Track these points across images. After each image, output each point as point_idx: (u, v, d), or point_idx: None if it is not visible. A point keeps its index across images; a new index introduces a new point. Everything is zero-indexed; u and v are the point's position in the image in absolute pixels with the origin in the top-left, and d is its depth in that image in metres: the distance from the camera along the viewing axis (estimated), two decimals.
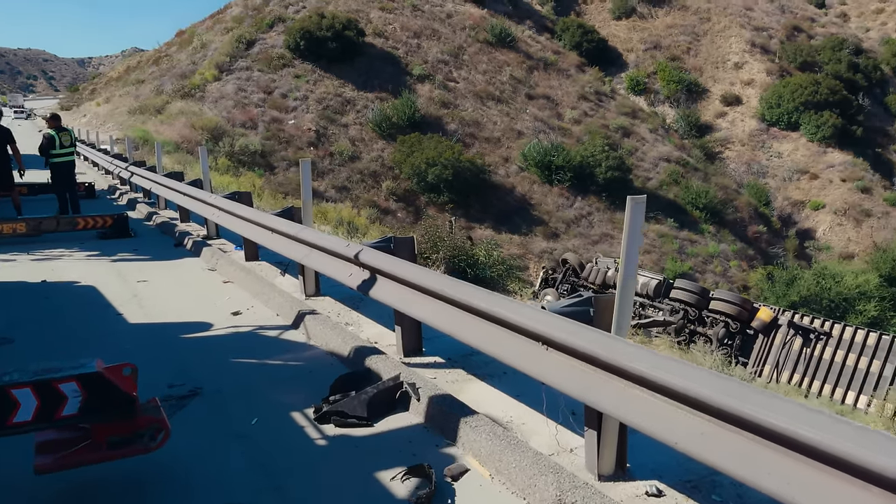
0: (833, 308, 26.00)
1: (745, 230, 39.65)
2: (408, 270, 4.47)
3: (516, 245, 33.25)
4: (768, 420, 2.18)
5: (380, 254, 4.89)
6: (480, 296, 3.70)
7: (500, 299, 3.59)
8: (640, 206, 3.14)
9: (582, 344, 2.98)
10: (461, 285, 3.94)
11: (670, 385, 2.53)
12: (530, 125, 39.29)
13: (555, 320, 3.18)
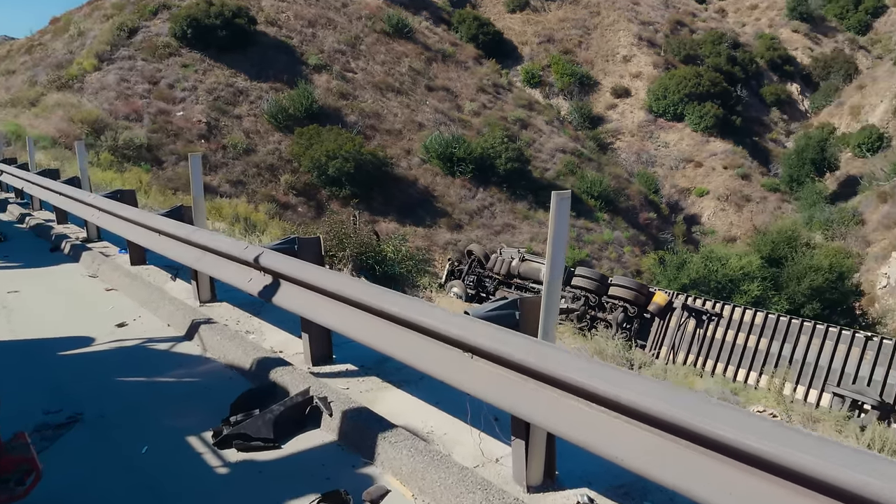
0: (720, 289, 27.41)
1: (637, 217, 41.27)
2: (314, 274, 4.12)
3: (421, 237, 33.10)
4: (738, 440, 2.03)
5: (283, 257, 4.49)
6: (396, 300, 3.42)
7: (418, 304, 3.32)
8: (565, 201, 2.96)
9: (509, 351, 2.77)
10: (375, 290, 3.64)
11: (612, 396, 2.35)
12: (431, 117, 39.16)
13: (479, 326, 2.95)
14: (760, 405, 11.83)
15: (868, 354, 13.17)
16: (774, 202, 46.23)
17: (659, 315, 16.83)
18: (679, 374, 11.96)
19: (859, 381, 13.08)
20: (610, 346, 12.87)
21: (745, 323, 15.36)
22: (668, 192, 46.60)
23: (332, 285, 3.91)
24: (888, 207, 39.63)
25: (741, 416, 2.07)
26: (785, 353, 14.41)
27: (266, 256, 4.62)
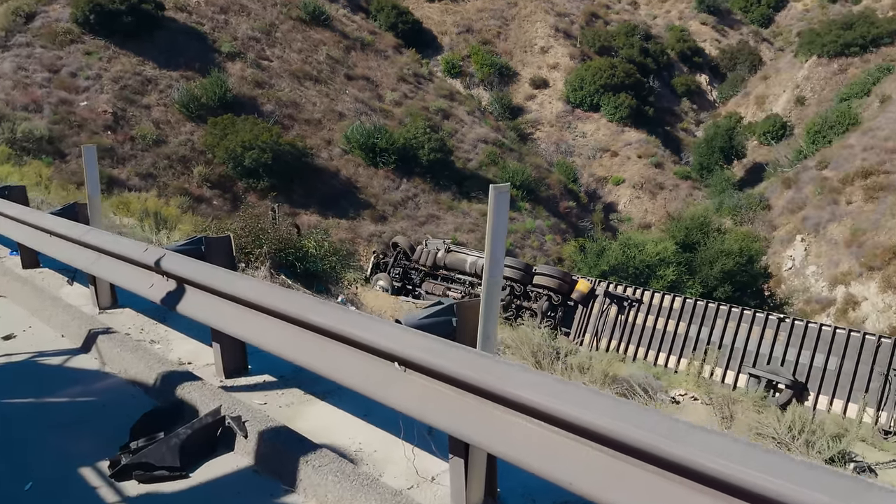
0: (638, 274, 28.11)
1: (557, 206, 41.89)
2: (224, 279, 3.69)
3: (344, 229, 32.47)
4: (699, 462, 1.80)
5: (188, 259, 4.03)
6: (319, 309, 3.06)
7: (344, 313, 2.98)
8: (504, 195, 2.69)
9: (445, 364, 2.48)
10: (294, 297, 3.26)
11: (562, 414, 2.09)
12: (351, 106, 38.41)
13: (412, 336, 2.64)
14: (682, 388, 12.07)
15: (781, 335, 13.66)
16: (686, 189, 47.90)
17: (582, 302, 17.00)
18: (603, 360, 12.04)
19: (773, 362, 13.56)
20: (536, 336, 12.83)
21: (665, 308, 15.69)
22: (587, 181, 47.55)
23: (244, 292, 3.50)
24: (792, 193, 41.70)
25: (709, 437, 1.86)
26: (703, 337, 14.80)
27: (169, 259, 4.14)
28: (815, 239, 38.72)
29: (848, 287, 35.07)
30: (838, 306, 34.90)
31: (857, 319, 33.85)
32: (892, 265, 33.43)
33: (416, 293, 19.80)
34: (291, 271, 8.53)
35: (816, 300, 36.05)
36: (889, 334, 16.88)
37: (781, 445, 7.50)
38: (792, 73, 54.48)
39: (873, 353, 12.32)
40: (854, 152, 39.91)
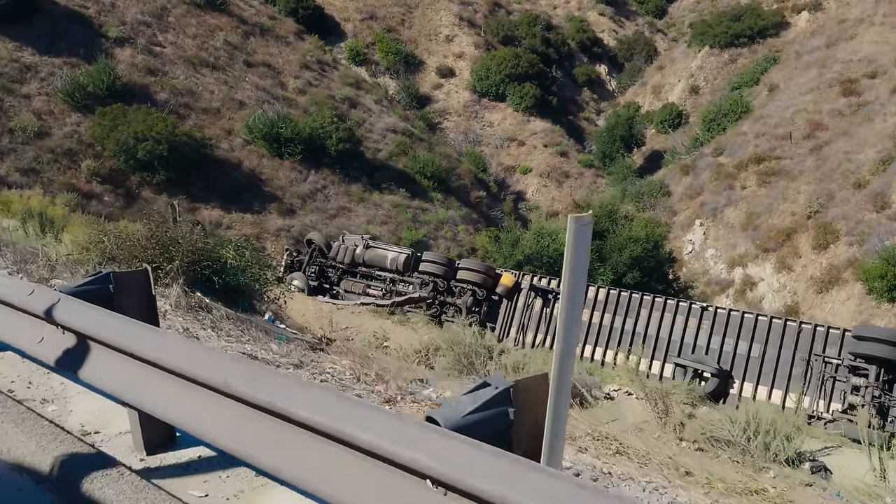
0: (552, 263, 28.37)
1: (469, 196, 41.84)
2: (142, 336, 2.79)
3: (249, 224, 31.03)
4: None
5: (89, 308, 3.06)
6: (305, 396, 2.21)
7: (342, 403, 2.18)
8: (587, 227, 2.12)
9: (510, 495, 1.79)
10: (257, 371, 2.41)
11: None
12: (252, 95, 36.67)
13: (457, 445, 1.92)
14: (615, 383, 11.99)
15: (705, 324, 13.88)
16: (590, 177, 49.06)
17: (507, 297, 16.78)
18: (538, 359, 11.77)
19: (698, 351, 13.76)
20: (467, 335, 12.41)
21: (590, 300, 15.67)
22: (496, 171, 47.79)
23: (174, 356, 2.60)
24: (690, 179, 43.45)
25: None
26: (628, 328, 14.88)
27: (64, 307, 3.12)
28: (713, 223, 40.51)
29: (745, 269, 36.88)
30: (736, 287, 36.67)
31: (755, 299, 35.69)
32: (785, 247, 35.41)
33: (334, 292, 19.00)
34: (209, 287, 7.61)
35: (716, 282, 37.74)
36: (816, 321, 17.61)
37: (739, 449, 7.44)
38: (686, 63, 56.73)
39: (795, 339, 12.67)
40: (747, 139, 41.99)
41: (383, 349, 13.25)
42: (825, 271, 33.24)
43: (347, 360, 6.47)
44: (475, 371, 11.73)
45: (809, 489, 6.58)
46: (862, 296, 30.98)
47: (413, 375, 7.01)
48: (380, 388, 4.95)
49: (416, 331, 14.14)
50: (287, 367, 5.12)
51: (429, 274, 17.37)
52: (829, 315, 32.08)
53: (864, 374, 11.48)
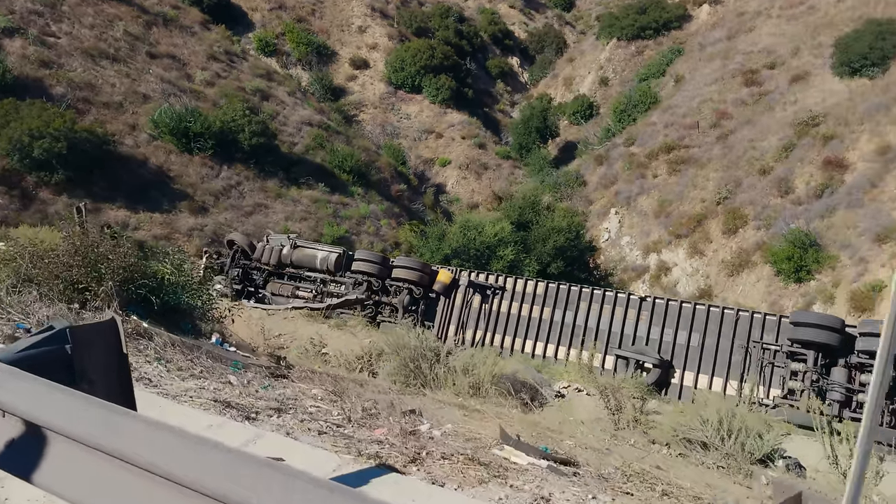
0: (479, 256, 28.31)
1: (389, 189, 41.21)
2: (127, 429, 1.95)
3: (159, 224, 29.25)
4: None
5: (41, 385, 2.08)
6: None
7: None
8: None
9: None
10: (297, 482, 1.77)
11: None
12: (157, 88, 34.59)
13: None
14: (564, 380, 11.84)
15: (644, 315, 13.97)
16: (508, 169, 49.39)
17: (444, 294, 16.41)
18: (488, 360, 11.44)
19: (639, 342, 13.83)
20: (412, 337, 11.94)
21: (529, 294, 15.55)
22: (415, 164, 47.33)
23: (180, 460, 1.83)
24: (604, 169, 44.43)
25: None
26: (568, 321, 14.82)
27: (3, 382, 2.15)
28: (628, 211, 41.60)
29: (659, 255, 38.06)
30: (652, 273, 37.80)
31: (669, 284, 36.92)
32: (696, 232, 36.75)
33: (260, 296, 18.06)
34: (145, 308, 6.72)
35: (632, 268, 38.78)
36: (749, 308, 18.13)
37: (723, 454, 7.35)
38: (595, 55, 57.99)
39: (733, 326, 12.91)
40: (657, 129, 43.30)
41: (322, 357, 12.60)
42: (735, 255, 34.71)
43: (318, 389, 5.87)
44: (422, 376, 11.29)
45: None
46: (770, 277, 32.56)
47: (391, 399, 6.45)
48: (381, 432, 4.43)
49: (356, 335, 13.55)
50: (267, 412, 4.49)
51: (362, 273, 16.76)
52: (741, 297, 33.60)
53: (802, 359, 11.80)
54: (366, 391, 7.08)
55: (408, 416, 5.34)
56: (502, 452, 4.44)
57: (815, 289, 30.14)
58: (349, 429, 4.51)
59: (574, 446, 6.82)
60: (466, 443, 4.70)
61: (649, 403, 10.96)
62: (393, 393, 7.81)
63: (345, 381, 7.80)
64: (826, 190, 32.58)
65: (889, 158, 31.07)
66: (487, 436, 4.89)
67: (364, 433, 4.35)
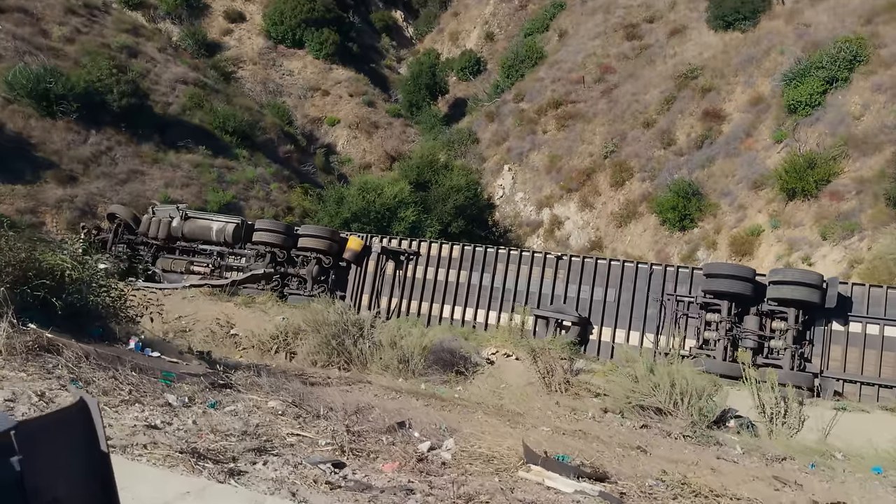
0: (380, 219, 27.61)
1: (276, 151, 39.39)
2: None
3: (22, 197, 26.38)
4: None
5: None
6: None
7: None
8: None
9: None
10: None
11: None
12: (8, 45, 30.83)
13: None
14: (492, 346, 11.61)
15: (560, 273, 13.95)
16: (399, 127, 48.47)
17: (355, 262, 15.71)
18: (414, 334, 10.99)
19: (556, 300, 13.82)
20: (332, 313, 11.27)
21: (444, 258, 15.16)
22: (302, 123, 45.42)
23: None
24: (496, 126, 44.49)
25: None
26: (486, 283, 14.59)
27: None
28: (520, 167, 42.01)
29: (552, 209, 38.82)
30: (546, 227, 38.55)
31: (563, 238, 37.82)
32: (586, 186, 37.68)
33: (151, 273, 16.60)
34: (44, 314, 5.55)
35: (527, 223, 39.39)
36: (658, 262, 18.54)
37: (689, 422, 7.29)
38: (480, 9, 57.53)
39: (647, 280, 13.11)
40: (544, 84, 43.67)
41: (231, 339, 11.67)
42: (623, 206, 35.93)
43: (275, 401, 5.08)
44: (346, 353, 10.69)
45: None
46: (656, 227, 33.99)
47: (356, 402, 5.72)
48: (391, 467, 3.77)
49: (266, 312, 12.66)
50: (247, 456, 3.67)
51: (265, 244, 15.71)
52: (629, 247, 34.95)
53: (716, 309, 12.15)
54: (316, 390, 6.41)
55: (399, 432, 4.75)
56: (531, 475, 3.98)
57: (699, 236, 31.79)
58: (353, 465, 3.85)
59: (551, 434, 6.56)
60: (486, 465, 4.17)
61: (577, 363, 10.95)
62: (342, 385, 7.21)
63: (288, 377, 7.05)
64: (706, 141, 34.15)
65: (761, 109, 32.90)
66: (504, 451, 4.39)
67: (374, 474, 3.68)
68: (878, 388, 11.31)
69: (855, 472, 6.98)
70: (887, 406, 10.51)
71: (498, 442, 4.39)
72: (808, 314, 11.72)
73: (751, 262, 28.15)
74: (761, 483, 5.54)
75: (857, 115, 28.12)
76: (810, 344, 11.76)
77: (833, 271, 23.05)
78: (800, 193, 26.85)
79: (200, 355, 7.94)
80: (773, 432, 8.59)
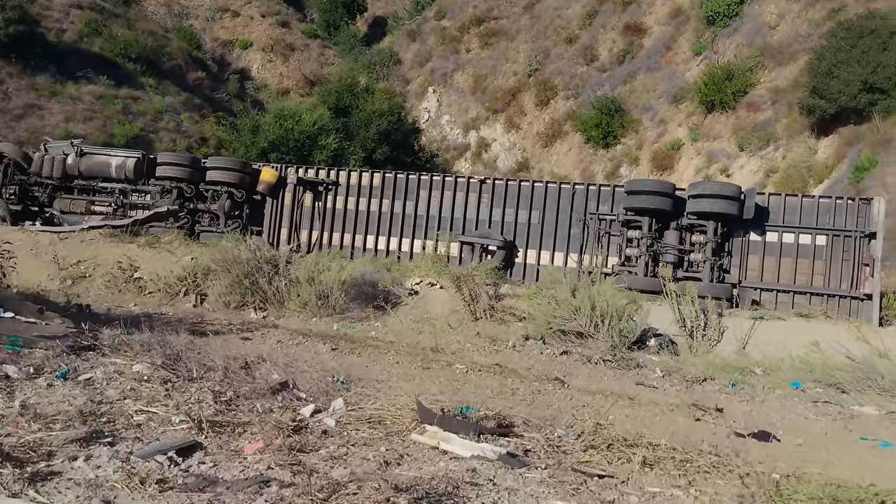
0: (300, 148, 26.53)
1: (186, 78, 37.07)
2: None
3: None
4: None
5: None
6: None
7: None
8: None
9: None
10: None
11: None
12: None
13: None
14: (416, 276, 11.30)
15: (484, 197, 13.64)
16: (317, 49, 46.30)
17: (270, 194, 14.94)
18: (334, 269, 10.50)
19: (481, 225, 13.56)
20: (244, 250, 10.65)
21: (365, 186, 14.58)
22: (212, 47, 42.74)
23: None
24: (417, 45, 43.04)
25: None
26: (409, 211, 14.15)
27: None
28: (445, 89, 41.04)
29: (479, 131, 38.31)
30: (473, 150, 38.12)
31: (490, 160, 37.51)
32: (511, 106, 37.18)
33: (48, 215, 15.40)
34: None
35: (454, 147, 38.84)
36: (581, 181, 18.39)
37: (609, 345, 7.15)
38: None
39: (570, 200, 12.95)
40: (466, 0, 42.26)
41: (135, 284, 10.92)
42: (548, 126, 35.73)
43: (141, 365, 4.43)
44: (261, 292, 10.16)
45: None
46: (581, 145, 34.03)
47: (245, 356, 5.10)
48: (254, 448, 3.14)
49: (173, 252, 11.90)
50: (67, 445, 2.92)
51: (170, 179, 14.71)
52: (556, 167, 34.96)
53: (637, 226, 12.13)
54: (206, 343, 5.86)
55: (280, 395, 4.27)
56: (425, 438, 3.58)
57: (622, 153, 32.02)
58: (213, 446, 3.34)
59: (465, 372, 6.29)
60: (376, 430, 3.75)
61: (503, 288, 10.79)
62: (244, 332, 6.71)
63: (179, 329, 6.49)
64: (627, 56, 33.96)
65: (681, 21, 32.78)
66: (397, 410, 3.98)
67: (228, 460, 3.12)
68: (793, 294, 11.63)
69: (774, 388, 7.08)
70: (801, 312, 10.82)
71: (392, 401, 4.02)
72: (726, 226, 11.83)
73: (672, 176, 28.61)
74: (681, 414, 5.48)
75: (772, 24, 28.32)
76: (729, 255, 11.93)
77: (750, 181, 23.63)
78: (718, 106, 27.15)
79: (80, 309, 7.25)
80: (694, 347, 8.69)
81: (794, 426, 5.62)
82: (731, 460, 3.81)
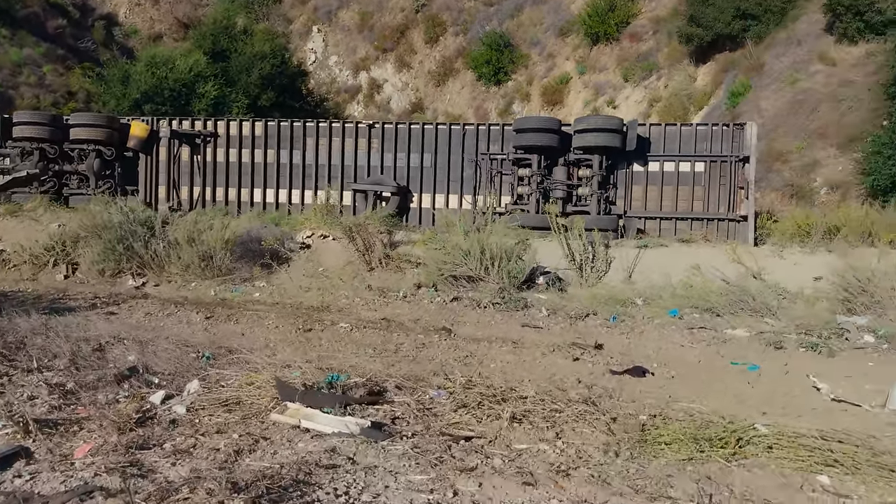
0: (177, 97, 24.97)
1: (45, 27, 33.80)
2: None
3: None
4: None
5: None
6: None
7: None
8: None
9: None
10: None
11: None
12: None
13: None
14: (308, 229, 10.94)
15: (374, 143, 13.29)
16: None
17: (143, 150, 13.96)
18: (216, 227, 9.93)
19: (374, 171, 13.24)
20: (115, 214, 9.90)
21: (246, 137, 13.85)
22: None
23: None
24: None
25: None
26: (297, 161, 13.62)
27: None
28: (331, 28, 39.50)
29: (369, 72, 37.32)
30: (365, 92, 37.20)
31: (383, 102, 36.76)
32: (401, 45, 36.34)
33: None
34: None
35: (345, 89, 37.74)
36: (474, 121, 18.14)
37: (497, 289, 7.09)
38: None
39: (461, 142, 12.81)
40: None
41: None
42: (440, 64, 35.24)
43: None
44: (137, 257, 9.53)
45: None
46: (473, 83, 33.84)
47: (99, 337, 4.61)
48: (85, 450, 2.77)
49: (38, 220, 10.95)
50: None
51: (29, 140, 13.45)
52: (449, 106, 34.71)
53: (527, 164, 12.19)
54: (60, 322, 5.37)
55: (128, 382, 3.91)
56: (286, 417, 3.35)
57: (513, 89, 32.11)
58: (37, 453, 2.95)
59: (350, 329, 6.08)
60: (229, 414, 3.47)
61: (398, 235, 10.62)
62: (109, 306, 6.18)
63: (30, 308, 5.91)
64: None
65: None
66: (256, 389, 3.71)
67: (52, 469, 2.72)
68: (675, 221, 12.10)
69: (654, 318, 7.34)
70: (683, 238, 11.29)
71: (251, 377, 3.78)
72: (610, 159, 12.07)
73: (562, 110, 29.01)
74: (561, 355, 5.57)
75: None
76: (614, 188, 12.22)
77: (635, 112, 24.28)
78: (602, 38, 27.50)
79: None
80: (583, 280, 8.90)
81: (669, 357, 5.84)
82: (602, 403, 3.86)
